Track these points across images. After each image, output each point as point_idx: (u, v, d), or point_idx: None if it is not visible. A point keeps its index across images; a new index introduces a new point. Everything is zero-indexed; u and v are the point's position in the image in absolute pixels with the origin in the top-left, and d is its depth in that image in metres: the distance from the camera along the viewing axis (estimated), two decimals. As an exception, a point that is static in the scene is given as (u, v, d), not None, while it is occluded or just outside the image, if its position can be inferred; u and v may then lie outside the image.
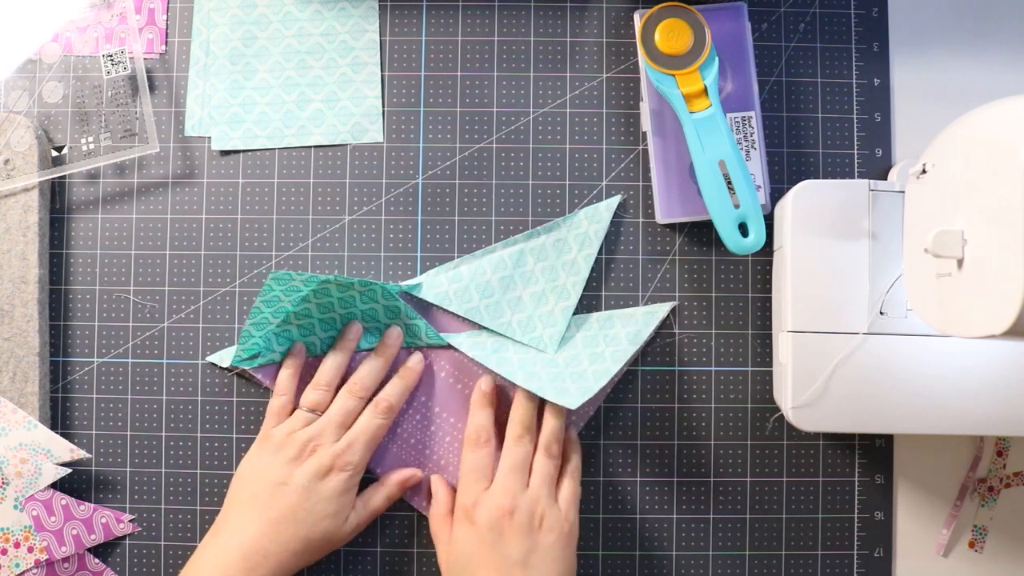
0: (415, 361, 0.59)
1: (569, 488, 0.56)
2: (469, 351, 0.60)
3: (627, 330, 0.60)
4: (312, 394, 0.57)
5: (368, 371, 0.58)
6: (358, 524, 0.57)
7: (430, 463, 0.61)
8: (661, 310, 0.61)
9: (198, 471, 0.61)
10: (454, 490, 0.58)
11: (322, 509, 0.54)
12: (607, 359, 0.59)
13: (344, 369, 0.58)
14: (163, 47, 0.63)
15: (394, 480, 0.59)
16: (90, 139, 0.62)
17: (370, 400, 0.58)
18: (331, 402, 0.57)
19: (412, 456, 0.61)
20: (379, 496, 0.58)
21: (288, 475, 0.54)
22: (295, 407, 0.58)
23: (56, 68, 0.63)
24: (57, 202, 0.63)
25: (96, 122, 0.63)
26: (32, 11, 0.63)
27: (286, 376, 0.58)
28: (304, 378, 0.59)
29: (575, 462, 0.58)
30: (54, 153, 0.62)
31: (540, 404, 0.58)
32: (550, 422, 0.57)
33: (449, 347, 0.61)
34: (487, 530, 0.53)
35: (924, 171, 0.51)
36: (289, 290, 0.56)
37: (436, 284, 0.61)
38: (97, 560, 0.60)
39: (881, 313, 0.55)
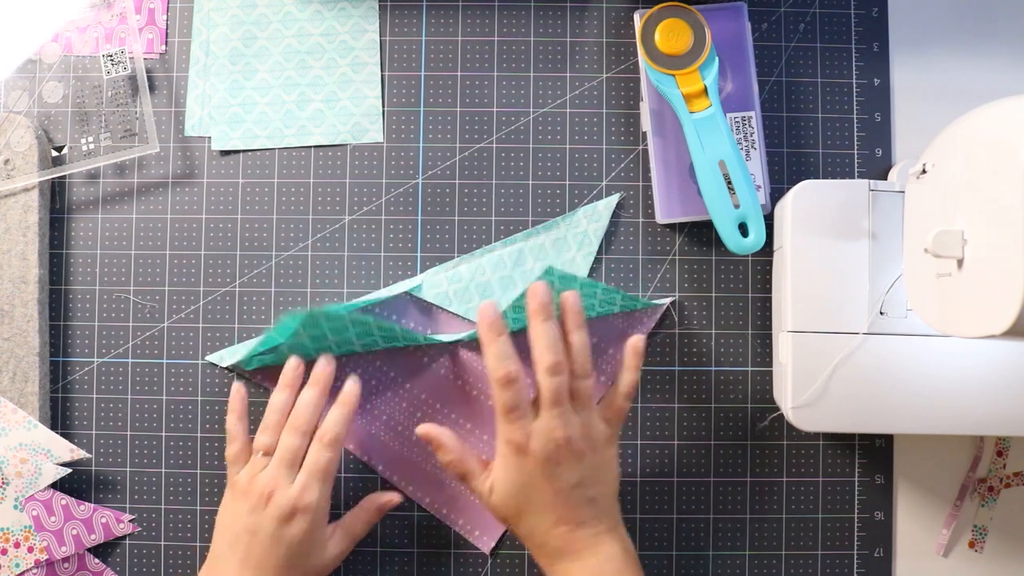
0: (350, 387, 0.57)
1: (617, 407, 0.55)
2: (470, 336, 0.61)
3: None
4: (261, 438, 0.56)
5: (304, 405, 0.56)
6: (341, 552, 0.57)
7: (432, 459, 0.61)
8: (661, 306, 0.62)
9: (198, 471, 0.61)
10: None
11: (296, 552, 0.54)
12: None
13: (289, 407, 0.57)
14: (163, 47, 0.63)
15: (373, 507, 0.58)
16: (90, 139, 0.62)
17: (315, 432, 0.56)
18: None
19: (414, 453, 0.61)
20: (359, 522, 0.58)
21: (256, 524, 0.54)
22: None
23: (56, 68, 0.63)
24: (57, 202, 0.63)
25: (96, 122, 0.63)
26: (32, 11, 0.63)
27: (232, 421, 0.57)
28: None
29: (628, 380, 0.55)
30: (54, 153, 0.62)
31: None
32: (574, 340, 0.53)
33: (449, 344, 0.61)
34: (544, 461, 0.52)
35: (924, 171, 0.51)
36: (295, 344, 0.58)
37: (436, 284, 0.61)
38: (97, 560, 0.60)
39: (881, 313, 0.55)
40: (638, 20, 0.58)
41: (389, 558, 0.61)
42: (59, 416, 0.61)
